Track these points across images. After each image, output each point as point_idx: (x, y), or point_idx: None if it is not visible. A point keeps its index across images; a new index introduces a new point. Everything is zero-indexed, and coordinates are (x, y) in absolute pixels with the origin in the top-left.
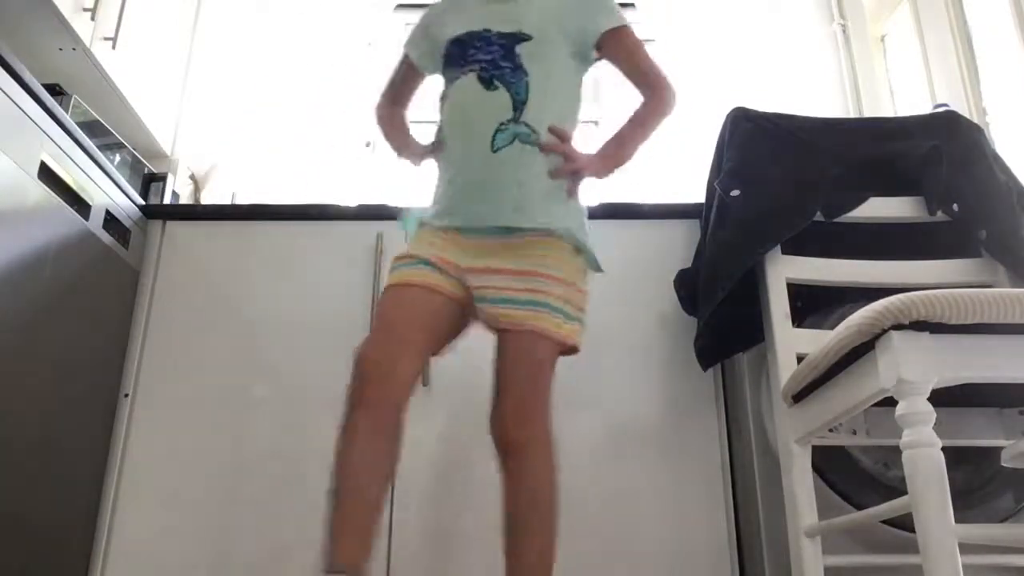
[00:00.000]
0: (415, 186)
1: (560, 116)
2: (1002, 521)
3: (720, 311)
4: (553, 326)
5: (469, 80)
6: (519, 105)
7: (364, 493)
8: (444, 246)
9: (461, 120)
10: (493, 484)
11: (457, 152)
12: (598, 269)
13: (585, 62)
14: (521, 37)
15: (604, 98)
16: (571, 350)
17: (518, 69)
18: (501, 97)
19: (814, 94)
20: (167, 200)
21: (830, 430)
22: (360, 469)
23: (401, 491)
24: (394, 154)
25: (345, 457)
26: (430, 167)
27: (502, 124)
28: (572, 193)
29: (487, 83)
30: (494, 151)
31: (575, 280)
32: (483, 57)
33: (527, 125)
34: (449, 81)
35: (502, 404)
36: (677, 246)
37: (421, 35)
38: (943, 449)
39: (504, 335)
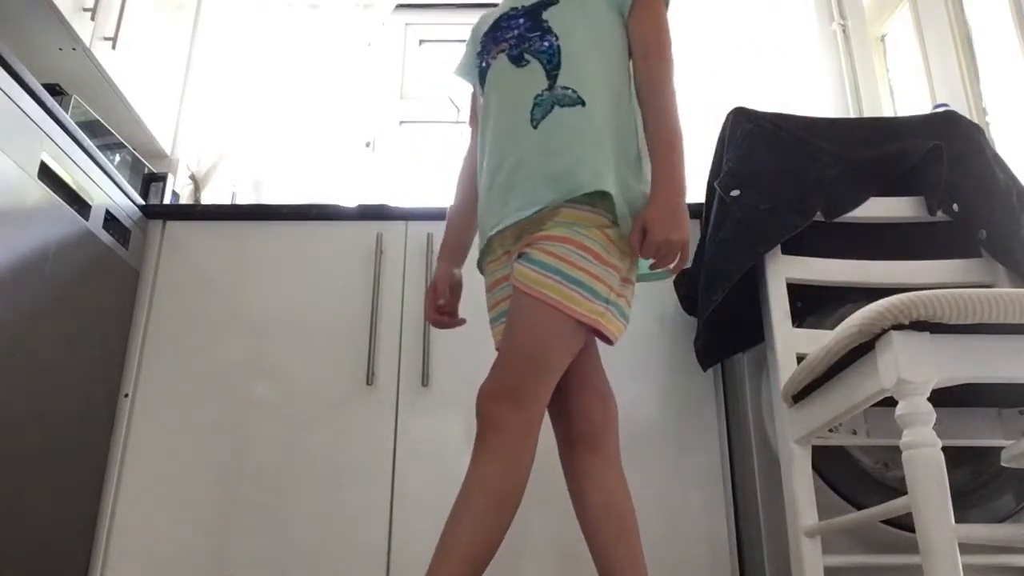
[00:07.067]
0: (416, 187)
1: (605, 69)
2: (1002, 521)
3: (720, 311)
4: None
5: (499, 64)
6: (552, 72)
7: None
8: None
9: (497, 109)
10: None
11: (494, 144)
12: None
13: (623, 13)
14: (547, 2)
15: None
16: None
17: (547, 34)
18: (534, 70)
19: (814, 94)
20: (167, 200)
21: (830, 430)
22: None
23: (400, 491)
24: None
25: None
26: None
27: (538, 96)
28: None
29: (517, 60)
30: (534, 127)
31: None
32: (509, 35)
33: (563, 88)
34: (484, 81)
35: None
36: None
37: (468, 46)
38: (943, 449)
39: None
